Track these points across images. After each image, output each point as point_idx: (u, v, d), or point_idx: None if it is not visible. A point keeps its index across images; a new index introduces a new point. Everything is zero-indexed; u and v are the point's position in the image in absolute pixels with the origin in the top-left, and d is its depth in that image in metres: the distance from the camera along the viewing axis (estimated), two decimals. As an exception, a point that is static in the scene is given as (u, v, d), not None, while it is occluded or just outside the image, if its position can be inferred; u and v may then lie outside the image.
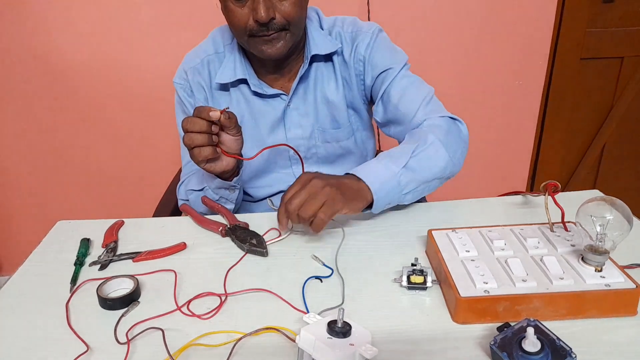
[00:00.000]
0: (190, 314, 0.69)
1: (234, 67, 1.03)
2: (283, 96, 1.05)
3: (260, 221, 0.91)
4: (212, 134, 0.83)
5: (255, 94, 1.05)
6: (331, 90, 1.06)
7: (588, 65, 1.90)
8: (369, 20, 1.68)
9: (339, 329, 0.55)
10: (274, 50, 0.93)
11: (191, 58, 1.06)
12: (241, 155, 0.91)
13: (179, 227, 0.92)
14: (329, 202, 0.76)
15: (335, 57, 1.05)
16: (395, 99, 1.01)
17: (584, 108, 1.99)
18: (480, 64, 1.80)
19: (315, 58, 1.04)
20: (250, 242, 0.82)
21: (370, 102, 1.11)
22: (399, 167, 0.85)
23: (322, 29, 1.05)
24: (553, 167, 2.07)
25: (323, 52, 1.02)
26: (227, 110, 0.82)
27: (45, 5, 1.63)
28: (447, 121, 0.95)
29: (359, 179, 0.82)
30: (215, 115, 0.80)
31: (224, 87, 1.06)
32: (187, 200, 1.04)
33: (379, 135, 1.68)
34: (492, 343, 0.57)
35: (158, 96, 1.76)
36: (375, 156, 0.90)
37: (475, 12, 1.72)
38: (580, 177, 2.12)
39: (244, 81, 1.04)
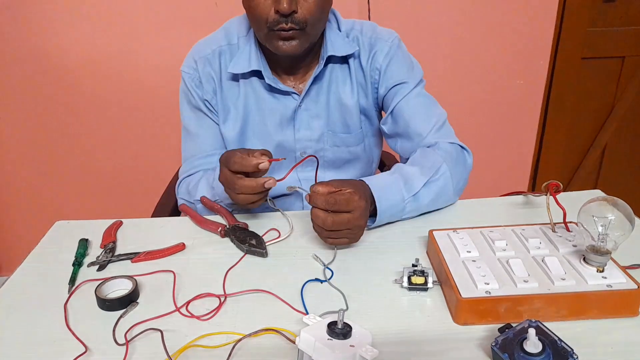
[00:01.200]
0: (189, 315, 0.68)
1: (249, 58, 1.01)
2: (295, 95, 1.03)
3: (260, 221, 0.91)
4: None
5: (269, 88, 1.03)
6: (346, 93, 1.05)
7: (589, 65, 1.90)
8: (369, 19, 1.68)
9: (339, 330, 0.54)
10: (290, 47, 0.93)
11: (202, 47, 1.04)
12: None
13: (177, 228, 0.92)
14: (354, 238, 0.80)
15: (351, 61, 1.04)
16: (407, 115, 1.01)
17: (585, 108, 1.99)
18: (481, 63, 1.80)
19: (330, 59, 1.03)
20: (249, 242, 0.82)
21: (381, 110, 1.10)
22: (409, 195, 0.85)
23: (340, 31, 1.04)
24: (554, 166, 2.07)
25: (339, 54, 1.01)
26: (270, 158, 0.81)
27: (44, 4, 1.63)
28: (457, 149, 0.96)
29: (373, 200, 0.82)
30: (265, 167, 0.80)
31: (234, 78, 1.04)
32: (189, 201, 1.03)
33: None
34: (493, 344, 0.57)
35: (157, 96, 1.76)
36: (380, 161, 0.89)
37: (476, 12, 1.72)
38: (582, 177, 2.12)
39: (256, 75, 1.03)
